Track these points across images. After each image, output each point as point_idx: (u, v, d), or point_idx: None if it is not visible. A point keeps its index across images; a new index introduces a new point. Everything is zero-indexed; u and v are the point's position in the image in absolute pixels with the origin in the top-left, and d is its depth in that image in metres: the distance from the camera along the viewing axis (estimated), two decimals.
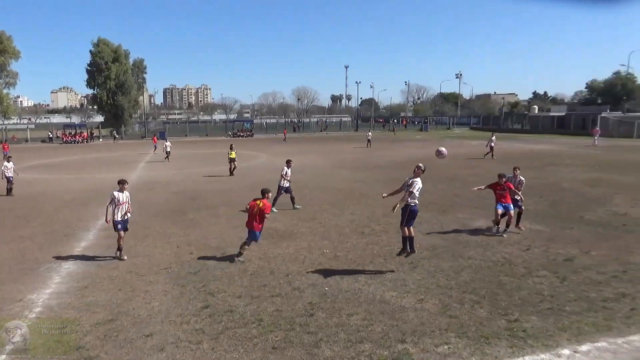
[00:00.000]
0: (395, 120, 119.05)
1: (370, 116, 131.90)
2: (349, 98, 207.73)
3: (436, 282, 11.22)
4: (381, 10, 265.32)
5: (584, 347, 8.26)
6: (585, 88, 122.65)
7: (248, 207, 12.96)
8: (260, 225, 12.71)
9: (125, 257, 13.20)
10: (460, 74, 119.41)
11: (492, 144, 39.31)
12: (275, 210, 18.46)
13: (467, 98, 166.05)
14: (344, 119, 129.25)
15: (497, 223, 15.18)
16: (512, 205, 15.08)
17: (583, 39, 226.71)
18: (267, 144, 62.67)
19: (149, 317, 9.69)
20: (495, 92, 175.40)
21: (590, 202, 20.08)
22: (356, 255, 13.22)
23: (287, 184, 19.44)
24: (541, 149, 47.05)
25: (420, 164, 11.73)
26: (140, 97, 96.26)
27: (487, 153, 39.09)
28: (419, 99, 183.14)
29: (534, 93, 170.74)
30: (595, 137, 52.59)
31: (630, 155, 40.16)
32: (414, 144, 56.88)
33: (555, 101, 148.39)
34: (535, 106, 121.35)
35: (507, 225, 15.12)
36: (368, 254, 13.32)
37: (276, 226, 16.48)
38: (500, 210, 14.98)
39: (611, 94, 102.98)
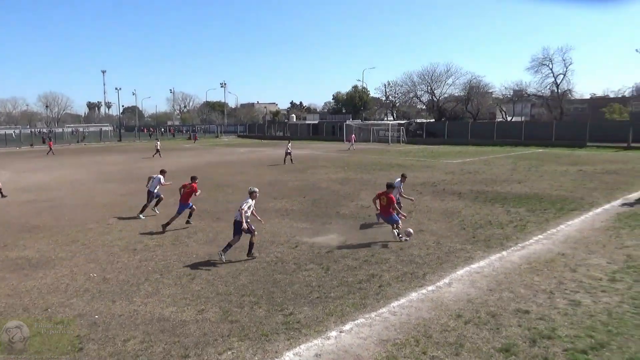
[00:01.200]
0: (164, 130, 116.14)
1: (135, 125, 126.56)
2: (108, 106, 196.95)
3: (215, 290, 11.25)
4: (138, 11, 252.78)
5: (347, 326, 9.24)
6: (332, 99, 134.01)
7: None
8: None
9: None
10: (225, 83, 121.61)
11: (289, 151, 41.06)
12: (142, 217, 18.83)
13: (233, 107, 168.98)
14: (104, 128, 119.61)
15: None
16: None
17: (328, 54, 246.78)
18: (11, 158, 54.59)
19: None
20: (258, 102, 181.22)
21: (343, 198, 22.50)
22: (129, 275, 12.43)
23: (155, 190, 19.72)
24: (302, 154, 49.74)
25: (254, 189, 13.69)
26: None
27: (285, 157, 40.95)
28: (185, 107, 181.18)
29: (292, 102, 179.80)
30: (351, 143, 57.32)
31: (370, 156, 45.37)
32: (186, 154, 55.17)
33: (309, 110, 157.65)
34: (293, 115, 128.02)
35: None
36: (142, 272, 12.64)
37: (27, 254, 14.40)
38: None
39: (352, 104, 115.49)
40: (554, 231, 15.75)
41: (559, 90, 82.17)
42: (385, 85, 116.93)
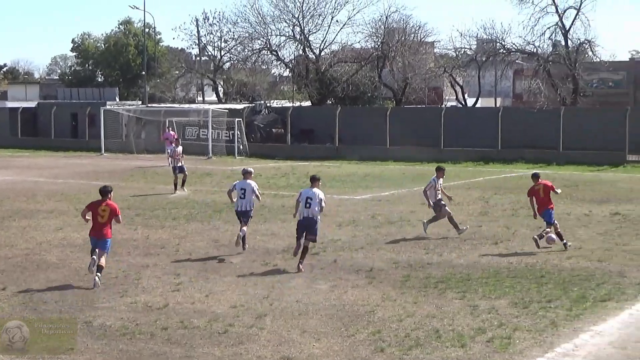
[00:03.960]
0: None
1: None
2: None
3: None
4: None
5: None
6: (73, 51, 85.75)
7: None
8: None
9: None
10: None
11: None
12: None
13: None
14: None
15: None
16: None
17: None
18: None
19: None
20: None
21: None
22: None
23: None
24: None
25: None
26: None
27: None
28: None
29: None
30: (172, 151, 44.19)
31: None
32: None
33: (25, 80, 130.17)
34: None
35: None
36: None
37: None
38: None
39: (119, 63, 76.09)
40: (569, 348, 8.74)
41: (570, 44, 46.60)
42: (196, 20, 61.50)
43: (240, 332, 9.34)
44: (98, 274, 11.54)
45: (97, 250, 11.75)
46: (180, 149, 25.51)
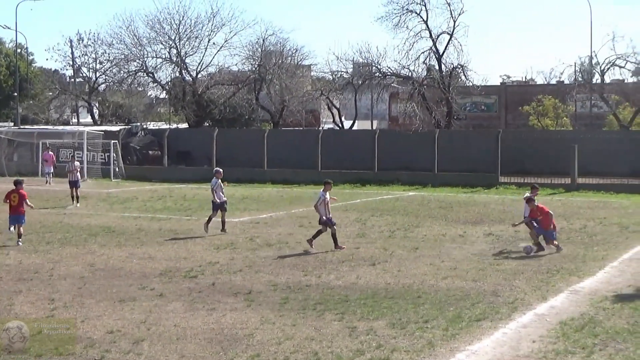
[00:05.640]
0: None
1: None
2: None
3: None
4: None
5: None
6: None
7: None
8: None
9: None
10: None
11: None
12: None
13: None
14: None
15: None
16: None
17: None
18: None
19: None
20: None
21: None
22: None
23: None
24: None
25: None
26: None
27: None
28: None
29: None
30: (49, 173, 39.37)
31: None
32: None
33: None
34: None
35: None
36: None
37: None
38: None
39: None
40: None
41: (444, 69, 47.82)
42: (70, 41, 62.95)
43: (117, 359, 9.11)
44: (19, 240, 17.48)
45: (16, 224, 17.62)
46: (77, 163, 28.56)
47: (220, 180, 20.37)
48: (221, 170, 21.00)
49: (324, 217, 17.00)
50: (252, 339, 9.95)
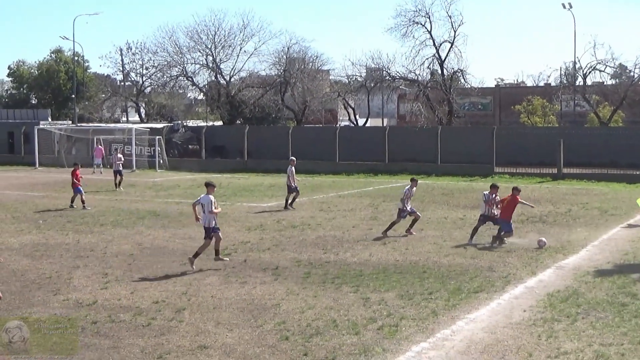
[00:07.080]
0: None
1: None
2: None
3: None
4: None
5: None
6: (9, 76, 78.66)
7: None
8: None
9: None
10: None
11: None
12: None
13: None
14: None
15: None
16: None
17: None
18: None
19: None
20: None
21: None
22: None
23: None
24: None
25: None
26: None
27: None
28: None
29: None
30: (98, 164, 39.39)
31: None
32: None
33: None
34: None
35: None
36: None
37: None
38: None
39: (50, 87, 69.93)
40: (448, 333, 8.87)
41: (445, 73, 47.54)
42: (120, 50, 63.86)
43: (162, 325, 9.17)
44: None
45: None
46: (120, 155, 28.80)
47: (293, 168, 20.64)
48: (294, 158, 21.18)
49: (407, 209, 16.61)
50: (278, 308, 9.99)
